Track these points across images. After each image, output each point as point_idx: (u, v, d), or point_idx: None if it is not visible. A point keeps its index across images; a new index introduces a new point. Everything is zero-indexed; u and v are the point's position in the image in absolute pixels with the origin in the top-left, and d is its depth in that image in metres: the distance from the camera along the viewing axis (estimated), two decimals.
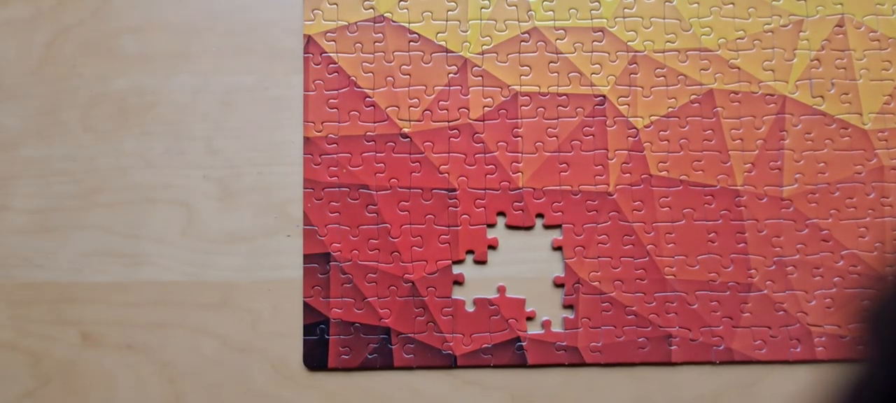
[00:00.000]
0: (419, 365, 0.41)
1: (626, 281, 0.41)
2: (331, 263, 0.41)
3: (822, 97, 0.43)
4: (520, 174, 0.42)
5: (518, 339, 0.41)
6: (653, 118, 0.43)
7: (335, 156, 0.42)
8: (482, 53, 0.43)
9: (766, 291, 0.41)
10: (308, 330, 0.41)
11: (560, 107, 0.43)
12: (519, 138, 0.42)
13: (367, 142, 0.42)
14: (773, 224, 0.42)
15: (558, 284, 0.42)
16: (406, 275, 0.41)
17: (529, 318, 0.41)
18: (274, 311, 0.41)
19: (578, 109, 0.43)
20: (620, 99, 0.43)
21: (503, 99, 0.43)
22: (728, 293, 0.41)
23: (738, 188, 0.42)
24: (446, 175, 0.42)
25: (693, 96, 0.43)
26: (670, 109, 0.43)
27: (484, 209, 0.42)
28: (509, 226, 0.42)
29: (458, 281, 0.41)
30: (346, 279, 0.41)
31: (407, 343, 0.41)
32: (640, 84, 0.43)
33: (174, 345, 0.41)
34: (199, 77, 0.43)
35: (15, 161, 0.43)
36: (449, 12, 0.43)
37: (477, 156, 0.42)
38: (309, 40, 0.43)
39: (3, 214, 0.42)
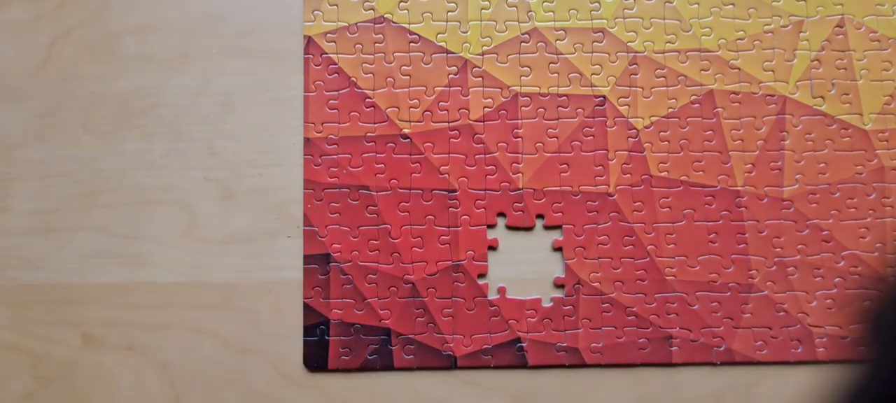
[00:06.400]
0: (419, 366, 0.41)
1: (627, 282, 0.41)
2: (331, 264, 0.41)
3: (822, 98, 0.43)
4: (520, 175, 0.42)
5: (518, 340, 0.41)
6: (653, 119, 0.43)
7: (335, 156, 0.42)
8: (482, 54, 0.43)
9: (766, 292, 0.41)
10: (308, 331, 0.41)
11: (560, 108, 0.43)
12: (519, 139, 0.42)
13: (368, 142, 0.42)
14: (773, 224, 0.42)
15: (559, 285, 0.42)
16: (406, 276, 0.41)
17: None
18: (274, 312, 0.41)
19: (579, 110, 0.43)
20: (621, 99, 0.43)
21: (503, 99, 0.43)
22: (729, 294, 0.41)
23: (739, 188, 0.42)
24: (446, 176, 0.42)
25: (693, 97, 0.43)
26: (670, 110, 0.43)
27: (484, 210, 0.42)
28: (509, 227, 0.42)
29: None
30: (346, 280, 0.41)
31: (407, 344, 0.41)
32: (641, 85, 0.43)
33: (175, 346, 0.41)
34: (200, 78, 0.43)
35: (16, 162, 0.43)
36: (449, 13, 0.43)
37: (477, 156, 0.42)
38: (309, 41, 0.43)
39: (3, 215, 0.42)
